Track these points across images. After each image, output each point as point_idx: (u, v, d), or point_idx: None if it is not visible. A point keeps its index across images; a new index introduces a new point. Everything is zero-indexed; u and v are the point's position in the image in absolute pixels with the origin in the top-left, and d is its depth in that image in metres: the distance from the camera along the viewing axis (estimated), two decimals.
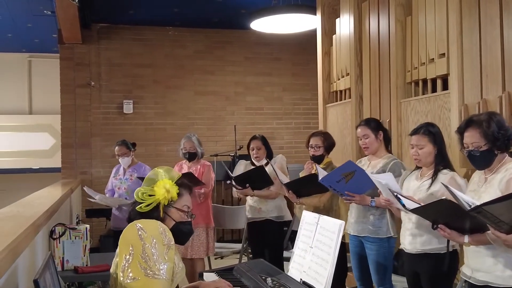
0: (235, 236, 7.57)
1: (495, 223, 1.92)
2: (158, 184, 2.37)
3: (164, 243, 2.21)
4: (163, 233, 2.23)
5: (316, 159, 4.16)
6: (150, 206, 2.34)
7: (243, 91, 8.70)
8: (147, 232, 2.20)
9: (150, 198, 2.34)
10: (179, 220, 2.41)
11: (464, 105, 3.69)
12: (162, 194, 2.34)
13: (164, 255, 2.19)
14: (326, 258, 2.23)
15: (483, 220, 1.95)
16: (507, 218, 1.87)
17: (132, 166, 5.55)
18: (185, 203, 2.44)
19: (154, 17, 7.90)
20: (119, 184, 5.54)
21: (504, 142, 2.48)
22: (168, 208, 2.38)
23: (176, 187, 2.40)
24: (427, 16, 4.17)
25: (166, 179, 2.40)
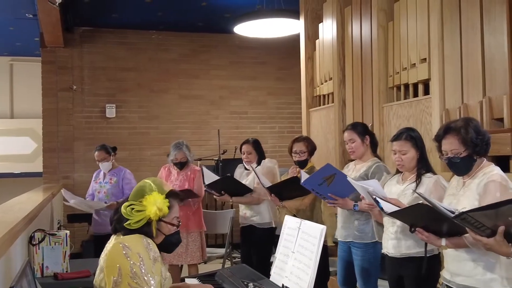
0: (219, 241, 7.55)
1: (477, 227, 1.93)
2: (148, 199, 2.25)
3: (150, 257, 2.16)
4: (148, 247, 2.18)
5: (300, 164, 4.17)
6: (139, 223, 2.23)
7: (227, 95, 8.69)
8: (132, 249, 2.13)
9: (139, 214, 2.22)
10: (169, 233, 2.34)
11: (445, 109, 3.72)
12: (153, 211, 2.23)
13: (152, 269, 2.15)
14: (308, 263, 2.23)
15: (465, 225, 1.97)
16: (490, 223, 1.89)
17: (113, 170, 5.53)
18: (174, 215, 2.36)
19: (138, 20, 7.87)
20: (99, 188, 5.50)
21: (483, 147, 2.50)
22: (158, 223, 2.29)
23: (166, 201, 2.29)
24: (409, 22, 4.20)
25: (156, 193, 2.28)
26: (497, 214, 1.84)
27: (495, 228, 1.90)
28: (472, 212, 1.89)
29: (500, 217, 1.85)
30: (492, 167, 2.51)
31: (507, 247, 1.93)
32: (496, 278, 2.42)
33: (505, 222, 1.86)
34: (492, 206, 1.86)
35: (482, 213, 1.87)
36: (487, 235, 1.94)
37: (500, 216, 1.84)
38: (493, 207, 1.85)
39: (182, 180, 5.00)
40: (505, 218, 1.84)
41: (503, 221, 1.86)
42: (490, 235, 1.93)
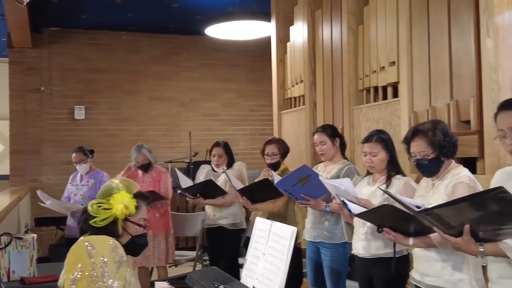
0: (190, 244, 7.51)
1: (443, 225, 1.96)
2: (115, 198, 2.26)
3: (115, 260, 2.13)
4: (114, 250, 2.15)
5: (272, 167, 4.18)
6: (105, 221, 2.22)
7: (199, 97, 8.67)
8: (97, 250, 2.11)
9: (105, 212, 2.22)
10: (135, 234, 2.33)
11: (414, 112, 3.77)
12: (120, 209, 2.23)
13: (115, 273, 2.12)
14: (279, 264, 2.23)
15: (432, 222, 1.99)
16: (455, 221, 1.92)
17: (90, 172, 5.46)
18: (141, 216, 2.35)
19: (108, 21, 7.78)
20: (75, 190, 5.43)
21: (450, 149, 2.55)
22: (125, 222, 2.29)
23: (134, 201, 2.30)
24: (378, 25, 4.25)
25: (124, 192, 2.29)
26: (460, 211, 1.87)
27: (461, 228, 1.93)
28: (436, 209, 1.91)
29: (463, 215, 1.88)
30: (460, 169, 2.56)
31: (475, 246, 1.95)
32: (464, 278, 2.46)
33: (470, 220, 1.89)
34: (454, 202, 1.89)
35: (446, 209, 1.89)
36: (454, 235, 1.97)
37: (464, 214, 1.87)
38: (455, 203, 1.88)
39: (148, 182, 4.96)
40: (468, 216, 1.87)
41: (468, 219, 1.89)
42: (458, 235, 1.96)
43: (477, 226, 1.91)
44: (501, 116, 2.06)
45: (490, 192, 1.74)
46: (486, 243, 1.95)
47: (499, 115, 2.07)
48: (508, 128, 2.02)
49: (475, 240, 1.95)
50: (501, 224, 1.85)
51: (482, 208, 1.81)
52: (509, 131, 2.02)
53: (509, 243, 1.90)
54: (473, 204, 1.81)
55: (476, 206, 1.81)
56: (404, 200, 2.16)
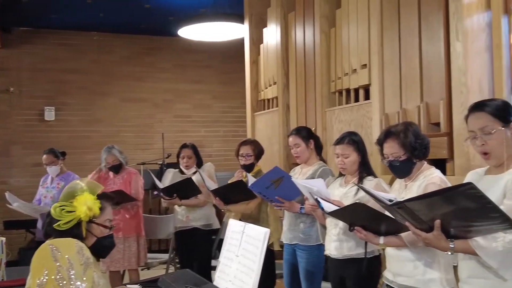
0: (163, 246, 7.46)
1: (415, 220, 2.00)
2: (78, 200, 2.23)
3: (81, 263, 2.10)
4: (80, 252, 2.12)
5: (247, 168, 4.18)
6: (69, 223, 2.20)
7: (172, 98, 8.62)
8: (62, 252, 2.08)
9: (69, 215, 2.20)
10: (101, 236, 2.32)
11: (385, 114, 3.82)
12: (83, 211, 2.21)
13: (82, 275, 2.09)
14: (252, 266, 2.23)
15: (404, 217, 2.02)
16: (426, 216, 1.95)
17: (61, 175, 5.37)
18: (107, 217, 2.34)
19: (79, 21, 7.67)
20: (45, 192, 5.34)
21: (422, 150, 2.59)
22: (89, 224, 2.26)
23: (98, 202, 2.28)
24: (350, 28, 4.30)
25: (87, 194, 2.26)
26: (431, 206, 1.90)
27: (432, 223, 1.96)
28: (408, 202, 1.94)
29: (434, 210, 1.91)
30: (432, 170, 2.60)
31: (445, 242, 1.98)
32: (435, 278, 2.50)
33: (440, 216, 1.92)
34: (425, 196, 1.93)
35: (417, 203, 1.93)
36: (425, 230, 2.01)
37: (435, 208, 1.91)
38: (426, 197, 1.91)
39: (119, 184, 4.91)
40: (439, 211, 1.91)
41: (439, 215, 1.92)
42: (429, 230, 2.00)
43: (448, 222, 1.94)
44: (472, 117, 2.11)
45: (460, 188, 1.78)
46: (456, 240, 1.99)
47: (470, 116, 2.12)
48: (478, 129, 2.07)
49: (446, 237, 1.99)
50: (472, 221, 1.89)
51: (452, 203, 1.84)
52: (480, 132, 2.06)
53: (479, 241, 1.93)
54: (443, 198, 1.85)
55: (446, 201, 1.85)
56: (377, 194, 2.18)
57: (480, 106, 2.10)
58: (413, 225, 2.05)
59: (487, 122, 2.05)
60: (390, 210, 2.11)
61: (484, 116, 2.06)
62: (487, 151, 2.07)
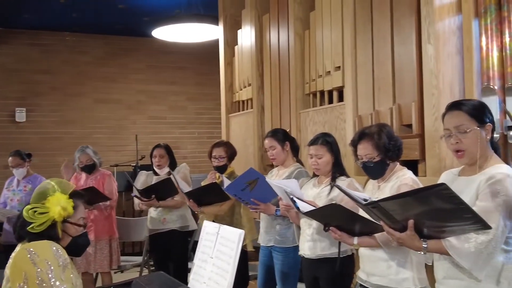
0: (136, 249, 7.39)
1: (389, 220, 2.02)
2: (51, 200, 2.20)
3: (59, 264, 2.08)
4: (57, 253, 2.10)
5: (219, 169, 4.17)
6: (43, 225, 2.16)
7: (146, 99, 8.56)
8: (40, 255, 2.05)
9: (42, 216, 2.16)
10: (76, 235, 2.29)
11: (358, 116, 3.86)
12: (57, 212, 2.17)
13: (61, 276, 2.07)
14: (226, 268, 2.23)
15: (379, 216, 2.04)
16: (400, 216, 1.97)
17: (27, 177, 5.28)
18: (80, 216, 2.31)
19: (52, 21, 7.56)
20: (11, 195, 5.23)
21: (395, 152, 2.62)
22: (63, 224, 2.23)
23: (71, 201, 2.25)
24: (324, 31, 4.33)
25: (59, 193, 2.23)
26: (405, 206, 1.92)
27: (405, 223, 1.98)
28: (382, 202, 1.96)
29: (408, 210, 1.94)
30: (404, 171, 2.64)
31: (419, 242, 2.00)
32: (408, 277, 2.54)
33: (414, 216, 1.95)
34: (399, 196, 1.95)
35: (391, 202, 1.95)
36: (399, 230, 2.03)
37: (408, 208, 1.93)
38: (400, 197, 1.93)
39: (90, 184, 4.84)
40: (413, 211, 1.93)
41: (412, 215, 1.95)
42: (402, 230, 2.02)
43: (422, 222, 1.96)
44: (448, 116, 2.14)
45: (434, 188, 1.80)
46: (429, 240, 2.01)
47: (447, 115, 2.15)
48: (454, 127, 2.10)
49: (420, 237, 2.01)
50: (445, 221, 1.91)
51: (425, 204, 1.86)
52: (455, 130, 2.10)
53: (451, 242, 1.96)
54: (417, 198, 1.87)
55: (420, 201, 1.87)
56: (352, 193, 2.20)
57: (458, 105, 2.13)
58: (387, 225, 2.07)
59: (463, 121, 2.08)
60: (365, 209, 2.13)
61: (461, 115, 2.09)
62: (460, 149, 2.10)
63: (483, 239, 1.92)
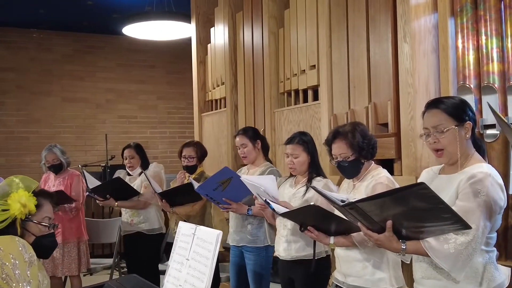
0: (106, 251, 7.23)
1: (367, 221, 1.97)
2: (12, 197, 2.14)
3: (25, 259, 2.00)
4: (22, 249, 2.02)
5: (189, 169, 4.11)
6: (4, 222, 2.10)
7: (115, 98, 8.39)
8: (4, 250, 1.97)
9: (3, 213, 2.10)
10: (40, 234, 2.22)
11: (334, 115, 3.83)
12: (17, 209, 2.11)
13: (27, 272, 1.98)
14: (203, 270, 2.16)
15: (356, 217, 2.00)
16: (378, 217, 1.93)
17: None
18: (45, 215, 2.24)
19: (18, 18, 7.34)
20: None
21: (369, 150, 2.59)
22: (26, 222, 2.17)
23: (33, 199, 2.18)
24: (299, 29, 4.29)
25: (22, 191, 2.17)
26: (383, 206, 1.88)
27: (384, 224, 1.94)
28: (360, 203, 1.92)
29: (386, 210, 1.89)
30: (379, 170, 2.61)
31: (397, 243, 1.96)
32: (384, 277, 2.51)
33: (392, 216, 1.91)
34: (377, 196, 1.90)
35: (369, 203, 1.90)
36: (377, 231, 1.98)
37: (387, 209, 1.89)
38: (378, 197, 1.89)
39: (57, 185, 4.70)
40: (391, 211, 1.89)
41: (390, 215, 1.91)
42: (380, 231, 1.98)
43: (400, 222, 1.92)
44: (427, 114, 2.10)
45: (412, 188, 1.76)
46: (408, 241, 1.97)
47: (426, 113, 2.11)
48: (432, 127, 2.06)
49: (398, 238, 1.97)
50: (423, 222, 1.88)
51: (404, 204, 1.82)
52: (433, 130, 2.06)
53: (430, 243, 1.92)
54: (395, 199, 1.83)
55: (398, 201, 1.83)
56: (330, 194, 2.15)
57: (436, 104, 2.09)
58: (365, 226, 2.02)
59: (441, 120, 2.04)
60: (342, 210, 2.08)
61: (439, 114, 2.05)
62: (439, 148, 2.07)
63: (462, 240, 1.89)
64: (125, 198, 4.37)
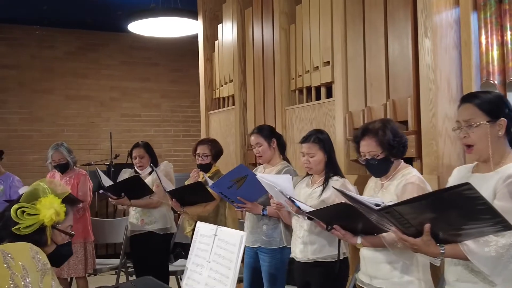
0: (110, 251, 7.14)
1: (402, 224, 1.87)
2: (43, 202, 2.00)
3: (37, 269, 1.88)
4: (35, 257, 1.89)
5: (203, 168, 4.00)
6: (31, 228, 1.97)
7: (119, 96, 8.29)
8: (15, 259, 1.85)
9: (31, 218, 1.97)
10: (61, 243, 2.10)
11: (349, 112, 3.74)
12: (48, 215, 1.98)
13: (39, 283, 1.87)
14: (226, 273, 2.08)
15: (391, 221, 1.90)
16: (415, 220, 1.84)
17: None
18: (69, 223, 2.13)
19: (20, 14, 7.24)
20: None
21: (400, 149, 2.51)
22: (52, 230, 2.04)
23: (63, 206, 2.05)
24: (312, 25, 4.20)
25: (52, 196, 2.03)
26: (422, 209, 1.78)
27: (420, 227, 1.85)
28: (397, 206, 1.82)
29: (425, 213, 1.80)
30: (410, 169, 2.52)
31: (435, 247, 1.86)
32: (413, 280, 2.42)
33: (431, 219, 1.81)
34: (416, 199, 1.81)
35: (407, 206, 1.80)
36: (413, 235, 1.89)
37: (425, 212, 1.79)
38: (418, 200, 1.79)
39: (64, 184, 4.59)
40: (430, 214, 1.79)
41: (429, 218, 1.81)
42: (416, 235, 1.88)
43: (438, 225, 1.82)
44: (460, 108, 2.04)
45: (457, 189, 1.67)
46: (446, 245, 1.88)
47: (460, 107, 2.05)
48: (463, 120, 2.00)
49: (436, 241, 1.88)
50: (464, 224, 1.78)
51: (445, 206, 1.73)
52: (464, 123, 1.99)
53: (469, 246, 1.83)
54: (437, 201, 1.73)
55: (439, 203, 1.73)
56: (362, 198, 2.04)
57: (470, 98, 2.03)
58: (400, 230, 1.92)
59: (472, 114, 1.98)
60: (378, 214, 1.97)
61: (471, 108, 1.99)
62: (469, 144, 2.00)
63: (504, 242, 1.80)
64: (138, 197, 4.27)
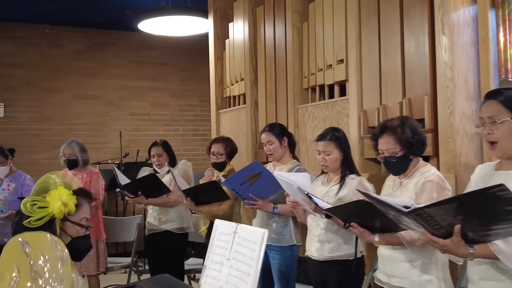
0: (120, 249, 7.13)
1: (431, 226, 1.85)
2: (52, 194, 2.04)
3: (56, 255, 1.90)
4: (53, 245, 1.92)
5: (217, 167, 3.98)
6: (41, 220, 2.00)
7: (127, 95, 8.27)
8: (34, 247, 1.87)
9: (41, 211, 2.00)
10: (76, 236, 2.12)
11: (363, 110, 3.72)
12: (57, 207, 2.02)
13: (59, 270, 1.87)
14: (247, 270, 2.05)
15: (420, 223, 1.87)
16: (445, 221, 1.81)
17: (10, 175, 4.92)
18: (83, 216, 2.15)
19: (29, 13, 7.23)
20: None
21: (419, 146, 2.48)
22: (63, 222, 2.07)
23: (74, 198, 2.09)
24: (325, 23, 4.17)
25: (62, 188, 2.07)
26: (453, 210, 1.75)
27: (449, 228, 1.82)
28: (428, 208, 1.80)
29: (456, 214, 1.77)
30: (429, 167, 2.50)
31: (465, 248, 1.83)
32: (432, 279, 2.40)
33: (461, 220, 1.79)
34: (448, 201, 1.78)
35: (437, 208, 1.78)
36: (442, 236, 1.86)
37: (456, 213, 1.77)
38: (449, 202, 1.77)
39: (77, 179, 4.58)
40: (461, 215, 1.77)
41: (459, 219, 1.78)
42: (445, 236, 1.85)
43: (468, 226, 1.80)
44: (484, 105, 2.03)
45: (491, 190, 1.63)
46: (476, 245, 1.85)
47: (483, 103, 2.03)
48: (487, 117, 1.98)
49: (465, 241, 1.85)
50: (494, 224, 1.75)
51: (477, 207, 1.70)
52: (488, 120, 1.98)
53: (499, 245, 1.81)
54: (469, 202, 1.71)
55: (471, 204, 1.71)
56: (390, 201, 2.00)
57: (494, 94, 2.01)
58: (429, 232, 1.89)
59: (496, 111, 1.96)
60: (407, 216, 1.93)
61: (495, 105, 1.97)
62: (493, 140, 1.98)
63: None
64: (155, 196, 4.26)
